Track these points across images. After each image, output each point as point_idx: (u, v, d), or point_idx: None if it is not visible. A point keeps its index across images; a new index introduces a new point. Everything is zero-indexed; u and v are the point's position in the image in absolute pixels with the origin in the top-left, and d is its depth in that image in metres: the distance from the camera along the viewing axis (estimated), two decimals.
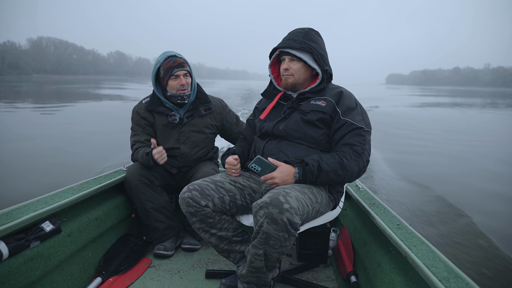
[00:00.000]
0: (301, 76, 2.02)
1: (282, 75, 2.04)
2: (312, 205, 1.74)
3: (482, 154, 9.32)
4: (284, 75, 2.03)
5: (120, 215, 2.55)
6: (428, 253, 1.57)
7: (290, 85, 2.03)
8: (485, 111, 26.30)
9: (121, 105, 21.02)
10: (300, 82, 2.03)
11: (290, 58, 2.00)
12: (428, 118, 18.50)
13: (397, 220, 2.00)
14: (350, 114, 1.91)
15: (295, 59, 1.99)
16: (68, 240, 2.01)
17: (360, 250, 2.24)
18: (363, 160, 1.86)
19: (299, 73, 2.01)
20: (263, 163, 1.82)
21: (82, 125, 12.34)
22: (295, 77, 2.01)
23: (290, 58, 2.00)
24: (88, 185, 2.29)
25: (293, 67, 2.00)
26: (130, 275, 2.22)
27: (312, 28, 2.06)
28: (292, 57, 1.99)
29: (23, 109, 17.49)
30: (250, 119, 2.31)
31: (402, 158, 8.32)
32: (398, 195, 5.46)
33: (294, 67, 2.00)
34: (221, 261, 2.49)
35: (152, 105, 2.60)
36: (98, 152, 7.84)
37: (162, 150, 2.41)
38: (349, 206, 2.66)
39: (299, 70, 2.00)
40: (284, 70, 2.02)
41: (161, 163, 2.42)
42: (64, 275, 1.97)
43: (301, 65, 2.00)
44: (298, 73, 2.00)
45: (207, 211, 1.85)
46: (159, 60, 2.53)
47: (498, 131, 14.88)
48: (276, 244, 1.61)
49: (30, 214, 1.76)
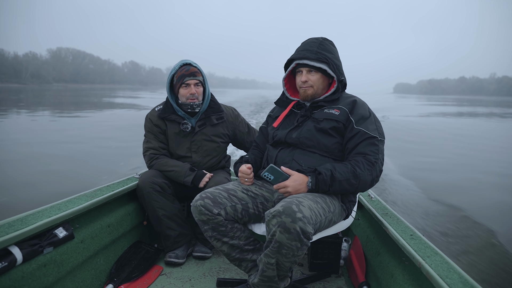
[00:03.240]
0: (319, 87, 2.02)
1: (300, 87, 2.04)
2: (324, 215, 1.73)
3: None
4: (303, 87, 2.02)
5: (132, 222, 2.56)
6: (442, 264, 1.55)
7: (310, 96, 2.02)
8: (492, 120, 26.14)
9: (135, 114, 21.35)
10: (319, 92, 2.03)
11: (308, 69, 1.99)
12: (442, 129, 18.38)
13: (410, 230, 1.98)
14: (363, 123, 1.90)
15: (313, 70, 1.99)
16: (80, 246, 2.02)
17: (373, 260, 2.22)
18: (376, 170, 1.84)
19: (318, 83, 2.01)
20: (276, 172, 1.82)
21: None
22: (314, 88, 2.01)
23: (307, 69, 2.00)
24: (101, 192, 2.31)
25: (312, 79, 2.00)
26: (141, 283, 2.22)
27: (326, 38, 2.06)
28: (310, 68, 1.99)
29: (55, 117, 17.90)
30: (263, 127, 2.31)
31: (418, 169, 8.27)
32: (413, 206, 5.42)
33: (312, 79, 2.00)
34: (233, 270, 2.48)
35: (164, 113, 2.62)
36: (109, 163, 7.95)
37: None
38: (362, 215, 2.64)
39: (317, 81, 2.00)
40: (303, 83, 2.01)
41: (202, 186, 2.52)
42: (76, 282, 1.97)
43: (319, 75, 2.00)
44: (317, 84, 2.00)
45: (220, 219, 1.85)
46: (175, 67, 2.57)
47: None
48: (288, 253, 1.60)
49: (44, 220, 1.78)
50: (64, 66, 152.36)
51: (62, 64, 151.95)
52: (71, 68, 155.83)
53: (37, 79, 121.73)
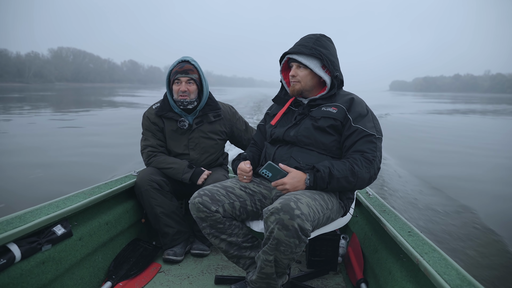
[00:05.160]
0: (307, 83, 2.02)
1: (290, 82, 2.05)
2: (323, 212, 1.74)
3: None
4: (292, 81, 2.03)
5: (130, 220, 2.56)
6: (440, 261, 1.55)
7: (297, 91, 2.03)
8: (486, 117, 26.29)
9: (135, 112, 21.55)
10: (307, 88, 2.03)
11: (297, 65, 2.00)
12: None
13: (408, 227, 1.99)
14: (361, 121, 1.90)
15: (301, 66, 2.00)
16: (79, 244, 2.02)
17: (370, 257, 2.23)
18: (374, 167, 1.85)
19: (306, 80, 2.01)
20: (274, 169, 1.82)
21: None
22: (302, 84, 2.01)
23: (297, 65, 2.01)
24: (99, 189, 2.31)
25: (300, 74, 2.00)
26: (139, 280, 2.22)
27: (324, 34, 2.06)
28: (299, 64, 2.00)
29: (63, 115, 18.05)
30: (261, 124, 2.32)
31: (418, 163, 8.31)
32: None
33: (300, 74, 2.00)
34: (231, 267, 2.48)
35: (162, 111, 2.62)
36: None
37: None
38: (359, 213, 2.65)
39: (305, 77, 2.00)
40: (291, 77, 2.02)
41: (200, 183, 2.53)
42: (74, 279, 1.98)
43: (308, 72, 2.00)
44: (304, 80, 2.01)
45: (217, 216, 1.86)
46: (173, 64, 2.58)
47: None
48: (286, 250, 1.61)
49: (42, 218, 1.78)
50: (65, 65, 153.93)
51: (63, 64, 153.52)
52: (72, 68, 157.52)
53: (39, 78, 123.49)
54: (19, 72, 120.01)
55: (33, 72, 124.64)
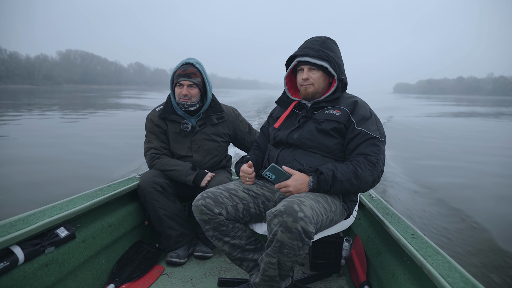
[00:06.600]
0: (320, 85, 2.02)
1: (301, 85, 2.03)
2: (326, 214, 1.73)
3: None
4: (304, 85, 2.02)
5: (133, 222, 2.56)
6: (444, 263, 1.54)
7: (310, 94, 2.02)
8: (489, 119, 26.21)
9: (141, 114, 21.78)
10: (319, 91, 2.03)
11: (309, 67, 1.99)
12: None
13: (411, 229, 1.98)
14: (364, 124, 1.90)
15: (314, 68, 1.99)
16: (82, 246, 2.02)
17: (374, 260, 2.22)
18: (378, 170, 1.84)
19: (319, 82, 2.00)
20: (277, 171, 1.82)
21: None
22: (315, 86, 2.01)
23: (309, 67, 1.99)
24: (102, 191, 2.31)
25: (313, 76, 2.00)
26: (142, 283, 2.22)
27: (329, 37, 2.06)
28: (312, 66, 1.99)
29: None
30: (264, 127, 2.31)
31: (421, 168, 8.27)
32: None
33: (314, 76, 2.00)
34: (234, 269, 2.48)
35: (165, 113, 2.63)
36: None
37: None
38: (363, 215, 2.64)
39: (318, 79, 2.00)
40: (303, 80, 2.01)
41: (203, 185, 2.52)
42: (77, 281, 1.98)
43: (321, 74, 1.99)
44: (318, 82, 2.00)
45: (221, 219, 1.85)
46: (177, 65, 2.58)
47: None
48: (290, 252, 1.60)
49: (45, 220, 1.78)
50: (73, 67, 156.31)
51: (71, 66, 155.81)
52: (80, 70, 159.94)
53: (48, 80, 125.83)
54: (29, 74, 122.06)
55: (43, 74, 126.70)
